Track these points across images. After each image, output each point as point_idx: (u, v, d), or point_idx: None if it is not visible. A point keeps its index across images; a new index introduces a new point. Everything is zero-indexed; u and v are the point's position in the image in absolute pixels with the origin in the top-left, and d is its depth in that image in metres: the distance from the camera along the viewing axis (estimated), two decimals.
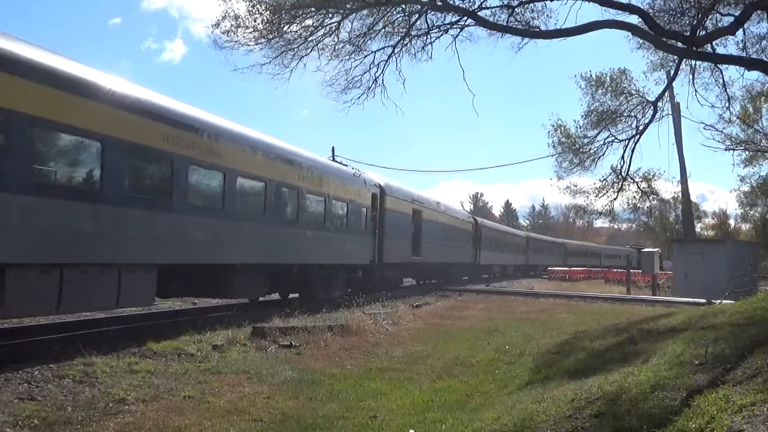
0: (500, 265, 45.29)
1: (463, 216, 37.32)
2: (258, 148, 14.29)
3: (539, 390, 7.09)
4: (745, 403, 4.53)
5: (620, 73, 17.71)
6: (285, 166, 15.31)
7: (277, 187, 14.83)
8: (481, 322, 15.14)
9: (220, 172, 12.64)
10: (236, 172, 13.15)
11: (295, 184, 15.70)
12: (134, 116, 10.21)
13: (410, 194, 26.17)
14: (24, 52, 8.37)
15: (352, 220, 19.41)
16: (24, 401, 6.16)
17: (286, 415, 6.47)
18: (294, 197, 15.82)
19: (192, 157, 11.65)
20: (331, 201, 17.81)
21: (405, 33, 13.25)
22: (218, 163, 12.53)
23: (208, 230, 12.28)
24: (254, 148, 14.15)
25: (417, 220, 26.07)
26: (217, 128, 12.87)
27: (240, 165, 13.32)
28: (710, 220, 71.71)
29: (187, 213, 11.61)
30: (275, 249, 14.81)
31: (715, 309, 11.18)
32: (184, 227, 11.56)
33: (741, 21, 11.98)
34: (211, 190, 12.65)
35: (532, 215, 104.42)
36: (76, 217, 8.97)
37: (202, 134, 12.13)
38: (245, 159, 13.63)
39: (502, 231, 48.37)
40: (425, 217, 27.12)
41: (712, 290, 19.72)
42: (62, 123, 8.75)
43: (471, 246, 36.26)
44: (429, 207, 28.33)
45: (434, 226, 28.73)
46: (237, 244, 13.23)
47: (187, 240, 11.65)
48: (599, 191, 19.74)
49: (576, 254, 66.44)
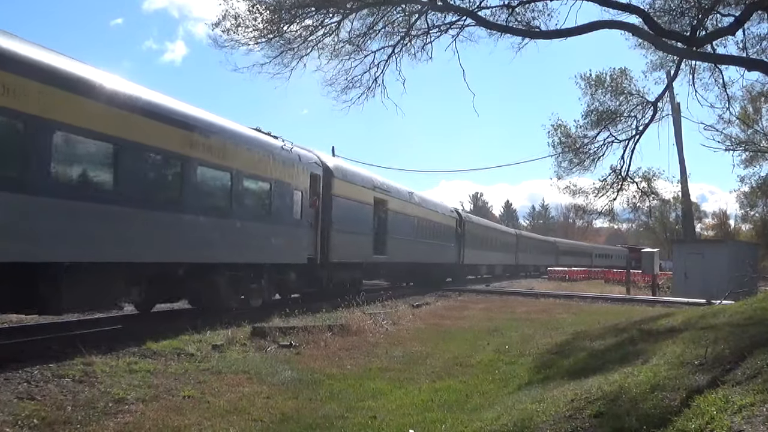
0: (488, 265, 41.84)
1: (445, 210, 32.68)
2: (102, 94, 9.58)
3: (539, 390, 7.09)
4: (745, 403, 4.52)
5: (620, 72, 17.73)
6: (159, 127, 10.83)
7: (141, 154, 10.47)
8: (481, 322, 15.14)
9: (19, 122, 8.09)
10: (55, 126, 8.58)
11: (178, 151, 11.29)
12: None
13: (371, 180, 21.83)
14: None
15: (278, 206, 14.82)
16: (24, 401, 6.15)
17: (285, 415, 6.47)
18: (176, 170, 11.43)
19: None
20: (240, 179, 13.21)
21: (405, 33, 13.26)
22: (12, 107, 7.89)
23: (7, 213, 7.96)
24: (92, 91, 9.38)
25: (381, 211, 22.26)
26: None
27: (65, 114, 8.76)
28: (710, 220, 71.89)
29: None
30: (141, 242, 10.46)
31: (715, 309, 11.19)
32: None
33: (741, 21, 11.99)
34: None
35: (532, 215, 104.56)
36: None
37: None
38: (74, 107, 8.95)
39: (490, 228, 44.36)
40: (393, 208, 23.35)
41: (712, 290, 19.72)
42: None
43: (454, 244, 32.45)
44: (398, 197, 24.37)
45: (405, 220, 24.90)
46: (61, 235, 8.75)
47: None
48: (599, 191, 19.74)
49: (568, 253, 64.40)
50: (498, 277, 42.78)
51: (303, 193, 16.14)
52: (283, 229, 15.15)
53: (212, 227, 12.31)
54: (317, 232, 16.92)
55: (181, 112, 11.79)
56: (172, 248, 11.32)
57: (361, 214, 20.24)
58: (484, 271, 41.34)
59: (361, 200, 20.31)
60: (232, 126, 13.75)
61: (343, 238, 18.39)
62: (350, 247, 19.10)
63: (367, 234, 20.65)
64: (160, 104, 11.28)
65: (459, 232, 33.21)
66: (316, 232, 16.89)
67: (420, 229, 26.79)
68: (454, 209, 35.63)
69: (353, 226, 19.26)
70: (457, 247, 32.89)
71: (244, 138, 13.95)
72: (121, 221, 9.98)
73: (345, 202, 18.75)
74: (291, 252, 15.71)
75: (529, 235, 61.79)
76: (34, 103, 8.27)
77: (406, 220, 25.05)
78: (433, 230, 28.96)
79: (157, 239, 10.94)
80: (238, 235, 13.15)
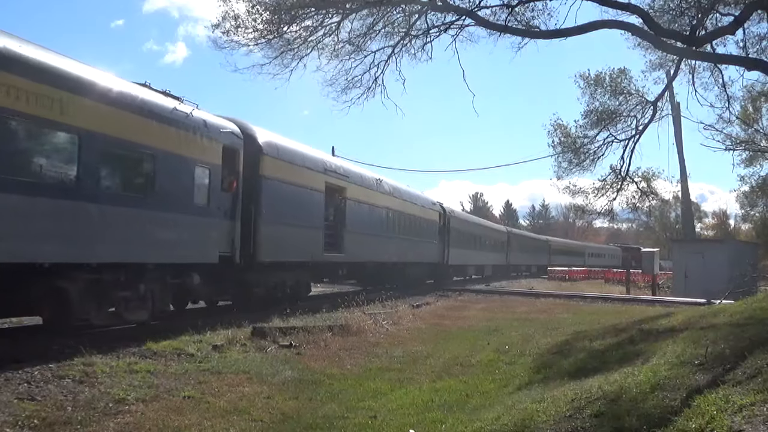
0: (476, 266, 38.05)
1: (425, 202, 28.68)
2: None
3: (539, 390, 7.09)
4: (745, 403, 4.53)
5: (620, 72, 17.78)
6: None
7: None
8: (481, 322, 15.15)
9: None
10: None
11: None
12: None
13: (322, 162, 18.01)
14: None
15: (165, 186, 11.15)
16: (24, 401, 6.15)
17: (286, 415, 6.47)
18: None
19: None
20: (95, 144, 9.52)
21: (405, 33, 13.27)
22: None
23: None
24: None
25: (337, 200, 18.89)
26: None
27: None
28: (710, 220, 72.09)
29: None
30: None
31: (715, 309, 11.19)
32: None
33: (741, 21, 11.99)
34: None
35: (532, 215, 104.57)
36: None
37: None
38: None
39: (478, 225, 40.33)
40: (354, 197, 19.70)
41: (712, 290, 19.72)
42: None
43: (437, 241, 29.03)
44: (361, 184, 20.64)
45: (371, 212, 21.27)
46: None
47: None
48: (599, 191, 19.77)
49: (561, 253, 61.33)
50: (488, 278, 39.10)
51: (212, 172, 12.37)
52: (177, 217, 11.46)
53: (48, 212, 8.77)
54: (236, 222, 13.15)
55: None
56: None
57: (307, 203, 16.56)
58: (472, 271, 37.91)
59: (307, 185, 16.57)
60: (82, 72, 9.66)
61: (278, 232, 14.78)
62: (288, 243, 15.41)
63: (315, 227, 17.01)
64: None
65: (443, 228, 29.97)
66: (234, 222, 13.10)
67: (391, 223, 23.23)
68: (438, 203, 31.25)
69: (293, 216, 15.59)
70: (441, 245, 29.56)
71: (103, 90, 9.88)
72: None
73: (281, 186, 15.01)
74: (192, 248, 11.93)
75: (521, 233, 58.56)
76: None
77: (373, 211, 21.44)
78: (410, 225, 25.39)
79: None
80: (91, 223, 9.57)
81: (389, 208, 23.12)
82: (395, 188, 24.61)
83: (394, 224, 23.44)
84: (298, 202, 15.99)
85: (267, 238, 14.27)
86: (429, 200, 29.92)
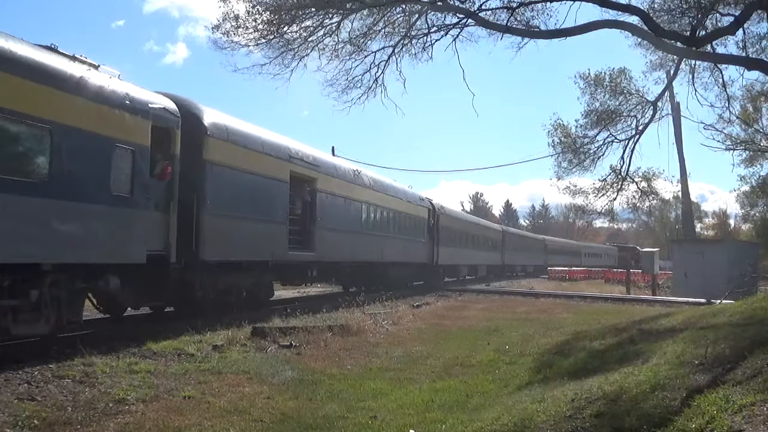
0: (468, 266, 35.85)
1: (413, 198, 26.67)
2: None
3: (539, 390, 7.09)
4: (745, 403, 4.53)
5: (619, 72, 17.79)
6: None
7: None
8: (481, 322, 15.14)
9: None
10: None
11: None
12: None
13: (286, 148, 15.83)
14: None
15: (69, 169, 8.89)
16: (24, 401, 6.15)
17: (286, 415, 6.47)
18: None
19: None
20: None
21: (405, 33, 13.26)
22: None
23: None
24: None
25: (305, 192, 16.88)
26: None
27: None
28: (710, 220, 72.13)
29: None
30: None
31: (715, 309, 11.20)
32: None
33: (741, 21, 11.98)
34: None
35: (532, 215, 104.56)
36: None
37: None
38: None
39: (471, 223, 38.31)
40: (325, 189, 17.77)
41: (712, 290, 19.74)
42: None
43: (426, 240, 27.27)
44: (334, 174, 18.61)
45: (347, 206, 19.37)
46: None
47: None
48: (599, 191, 19.79)
49: (558, 252, 60.12)
50: (485, 278, 37.48)
51: (136, 155, 10.25)
52: (85, 207, 9.28)
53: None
54: (170, 215, 11.14)
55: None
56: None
57: (266, 194, 14.51)
58: (465, 272, 35.63)
59: (266, 174, 14.53)
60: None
61: (228, 226, 12.91)
62: (242, 240, 13.59)
63: (278, 222, 15.02)
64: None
65: (432, 226, 28.13)
66: (168, 215, 11.10)
67: (372, 219, 21.40)
68: (426, 198, 29.06)
69: (249, 209, 13.73)
70: (430, 243, 27.75)
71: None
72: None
73: (231, 173, 13.07)
74: (108, 246, 9.77)
75: (517, 232, 56.80)
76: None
77: (349, 205, 19.54)
78: (394, 222, 23.57)
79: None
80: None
81: (369, 203, 21.21)
82: (376, 181, 22.61)
83: (375, 220, 21.66)
84: (255, 193, 13.97)
85: (213, 233, 12.33)
86: (416, 196, 27.77)
